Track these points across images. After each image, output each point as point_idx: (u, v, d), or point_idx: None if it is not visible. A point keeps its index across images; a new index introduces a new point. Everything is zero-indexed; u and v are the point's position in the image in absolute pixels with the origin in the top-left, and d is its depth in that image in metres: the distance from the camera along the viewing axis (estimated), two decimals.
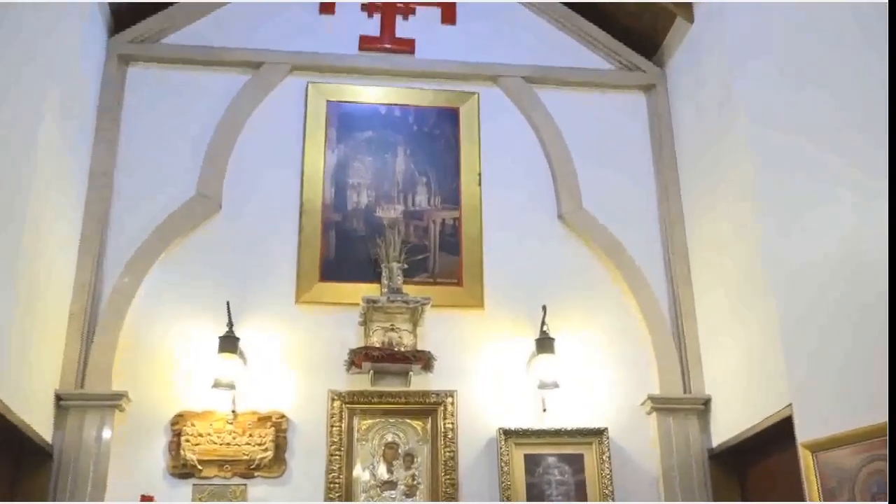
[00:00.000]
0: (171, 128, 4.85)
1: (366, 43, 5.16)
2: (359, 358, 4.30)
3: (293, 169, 4.84)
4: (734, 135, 4.31)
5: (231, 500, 4.14)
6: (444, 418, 4.36)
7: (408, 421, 4.40)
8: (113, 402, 4.19)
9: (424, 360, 4.35)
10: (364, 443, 4.33)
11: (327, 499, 4.19)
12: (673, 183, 5.05)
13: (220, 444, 4.22)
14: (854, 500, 3.27)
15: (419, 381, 4.45)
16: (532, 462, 4.34)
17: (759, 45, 4.21)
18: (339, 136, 4.93)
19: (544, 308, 4.57)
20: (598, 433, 4.42)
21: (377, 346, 4.35)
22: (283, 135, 4.93)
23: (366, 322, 4.46)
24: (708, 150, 4.68)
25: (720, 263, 4.50)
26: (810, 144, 3.78)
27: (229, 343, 4.31)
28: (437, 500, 4.22)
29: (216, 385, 4.22)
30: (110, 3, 4.89)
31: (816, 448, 3.47)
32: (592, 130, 5.17)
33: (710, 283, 4.63)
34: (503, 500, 4.25)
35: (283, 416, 4.31)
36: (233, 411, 4.27)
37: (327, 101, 4.99)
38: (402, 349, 4.37)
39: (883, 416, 3.14)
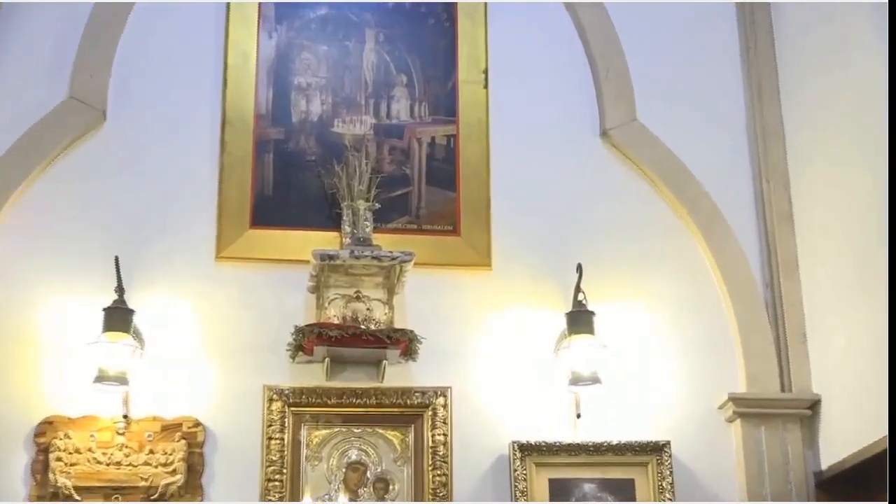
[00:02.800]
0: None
1: None
2: (309, 340, 4.12)
3: (211, 62, 4.65)
4: (865, 9, 4.02)
5: None
6: (434, 427, 4.25)
7: (380, 431, 4.26)
8: None
9: (405, 344, 4.17)
10: (316, 463, 4.20)
11: None
12: (769, 81, 4.81)
13: (107, 465, 4.07)
14: None
15: (397, 374, 4.28)
16: (561, 490, 4.22)
17: None
18: (278, 13, 4.72)
19: (580, 268, 4.37)
20: (657, 449, 4.28)
21: (336, 322, 4.20)
22: (194, 11, 4.70)
23: (319, 287, 4.27)
24: (824, 34, 4.43)
25: (837, 197, 4.26)
26: None
27: (119, 317, 4.11)
28: None
29: (101, 378, 4.01)
30: None
31: None
32: (652, 8, 4.94)
33: (822, 228, 4.42)
34: None
35: (197, 425, 4.14)
36: (125, 416, 4.11)
37: None
38: (373, 327, 4.22)
39: None
